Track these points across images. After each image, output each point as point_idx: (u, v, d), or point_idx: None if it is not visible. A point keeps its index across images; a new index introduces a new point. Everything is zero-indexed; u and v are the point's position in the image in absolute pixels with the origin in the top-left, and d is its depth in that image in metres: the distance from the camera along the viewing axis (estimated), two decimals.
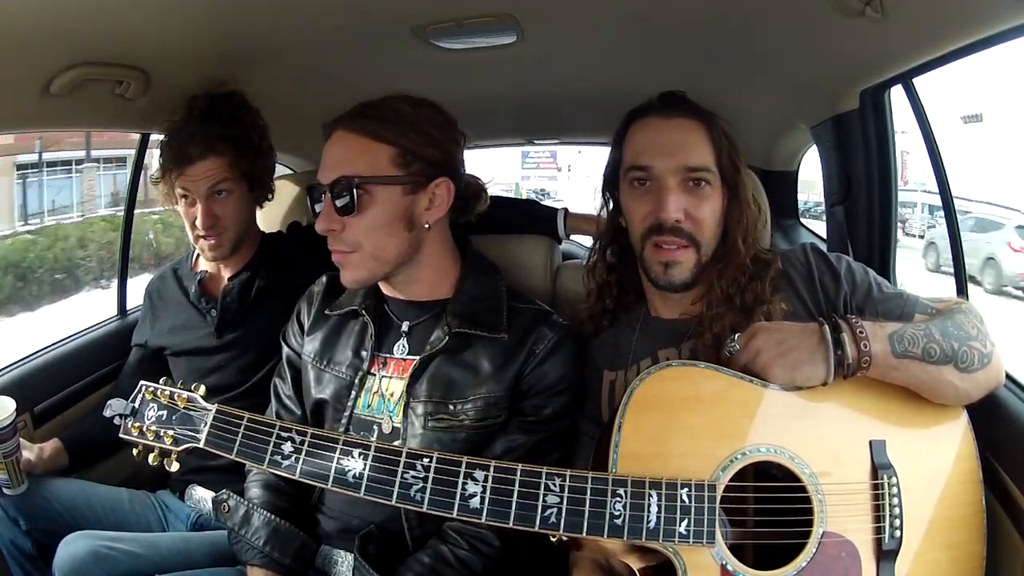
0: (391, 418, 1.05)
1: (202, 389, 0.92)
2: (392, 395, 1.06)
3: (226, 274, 1.43)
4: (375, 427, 1.06)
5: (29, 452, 1.22)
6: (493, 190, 1.20)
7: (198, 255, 1.49)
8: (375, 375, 1.07)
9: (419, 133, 0.99)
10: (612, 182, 1.09)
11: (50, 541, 1.13)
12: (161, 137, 1.39)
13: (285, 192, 1.70)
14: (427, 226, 1.02)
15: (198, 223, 1.32)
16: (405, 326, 1.08)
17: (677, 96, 1.05)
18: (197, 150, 1.29)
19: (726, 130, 1.03)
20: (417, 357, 1.05)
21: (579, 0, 1.29)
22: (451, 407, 1.03)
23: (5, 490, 1.16)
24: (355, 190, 0.97)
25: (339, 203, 0.97)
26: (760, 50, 1.41)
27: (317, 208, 1.01)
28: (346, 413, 1.06)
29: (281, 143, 1.56)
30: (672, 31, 1.41)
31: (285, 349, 1.19)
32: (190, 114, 1.34)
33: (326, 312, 1.13)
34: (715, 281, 1.01)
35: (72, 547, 1.08)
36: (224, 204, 1.33)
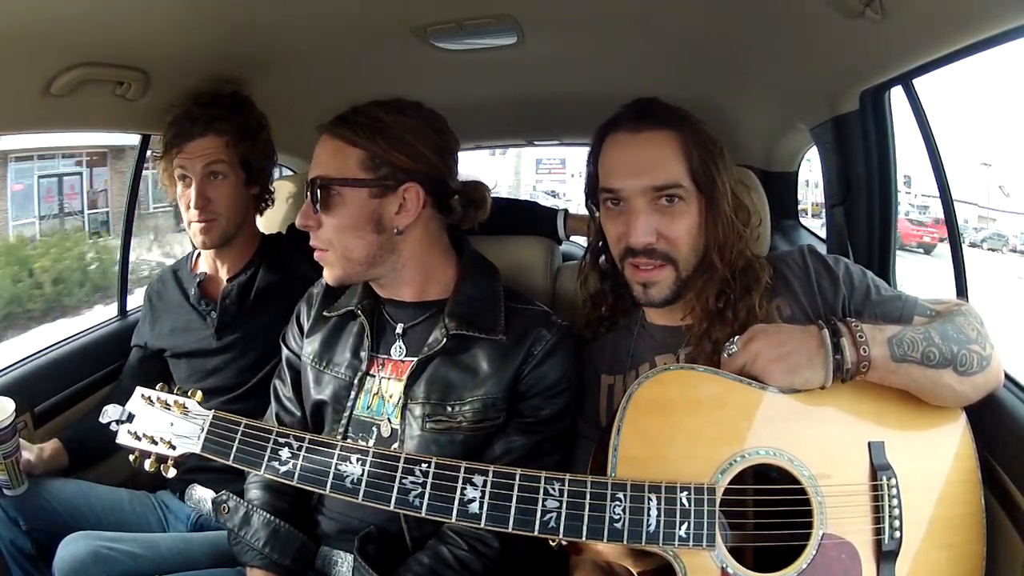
0: (389, 420, 1.05)
1: (199, 395, 0.92)
2: (391, 397, 1.06)
3: (225, 275, 1.43)
4: (374, 428, 1.06)
5: (29, 452, 1.22)
6: (508, 191, 1.20)
7: (198, 255, 1.49)
8: (374, 376, 1.08)
9: (390, 139, 1.00)
10: (592, 196, 1.09)
11: (50, 541, 1.13)
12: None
13: (285, 193, 1.69)
14: (397, 231, 1.02)
15: (191, 203, 1.33)
16: (400, 328, 1.08)
17: (648, 104, 1.03)
18: (198, 128, 1.33)
19: (705, 133, 1.00)
20: (415, 359, 1.04)
21: (579, 1, 1.29)
22: (448, 409, 1.03)
23: (5, 490, 1.16)
24: (324, 190, 1.00)
25: (315, 201, 1.01)
26: (760, 51, 1.41)
27: None
28: (345, 414, 1.07)
29: (281, 144, 1.56)
30: (672, 33, 1.41)
31: (285, 351, 1.19)
32: (196, 102, 1.37)
33: (325, 314, 1.14)
34: (698, 296, 1.00)
35: (72, 547, 1.07)
36: (218, 188, 1.35)
